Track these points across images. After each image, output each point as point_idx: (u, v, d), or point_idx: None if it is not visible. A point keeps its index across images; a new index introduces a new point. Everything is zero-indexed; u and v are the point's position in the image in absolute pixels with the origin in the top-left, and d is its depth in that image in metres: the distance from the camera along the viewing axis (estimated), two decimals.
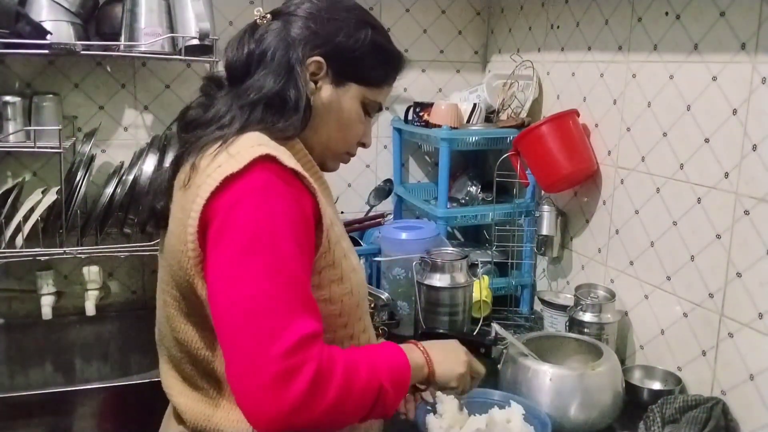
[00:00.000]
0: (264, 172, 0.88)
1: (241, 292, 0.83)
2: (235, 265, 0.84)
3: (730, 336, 1.38)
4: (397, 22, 2.21)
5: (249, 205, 0.86)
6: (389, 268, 1.81)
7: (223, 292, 0.84)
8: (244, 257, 0.84)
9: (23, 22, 1.62)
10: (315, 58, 1.01)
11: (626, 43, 1.64)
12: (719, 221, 1.39)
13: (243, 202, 0.86)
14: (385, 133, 2.27)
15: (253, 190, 0.86)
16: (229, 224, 0.85)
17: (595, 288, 1.69)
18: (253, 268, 0.84)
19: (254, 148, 0.89)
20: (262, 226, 0.85)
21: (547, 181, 1.79)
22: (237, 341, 0.83)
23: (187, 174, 0.94)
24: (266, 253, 0.85)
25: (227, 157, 0.89)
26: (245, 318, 0.82)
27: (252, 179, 0.87)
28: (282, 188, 0.88)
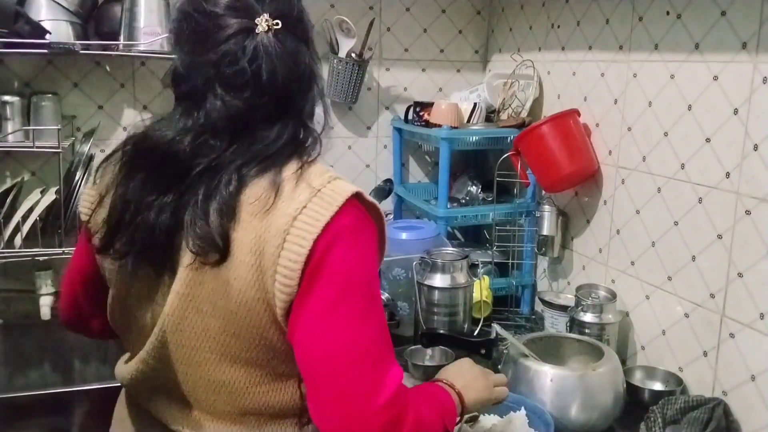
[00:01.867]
0: (353, 210, 0.87)
1: (342, 341, 0.83)
2: (335, 311, 0.83)
3: (731, 336, 1.37)
4: (397, 22, 2.20)
5: (343, 248, 0.84)
6: (389, 268, 1.80)
7: (324, 341, 0.83)
8: (342, 302, 0.83)
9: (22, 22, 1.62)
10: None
11: (627, 42, 1.64)
12: (720, 221, 1.39)
13: (337, 244, 0.84)
14: (385, 133, 2.27)
15: (344, 231, 0.85)
16: (324, 267, 0.83)
17: (596, 288, 1.68)
18: (353, 315, 0.84)
19: (333, 183, 0.87)
20: (356, 269, 0.85)
21: (547, 180, 1.79)
22: (339, 388, 0.82)
23: (267, 195, 0.86)
24: (362, 296, 0.85)
25: (311, 191, 0.86)
26: (348, 364, 0.82)
27: (343, 219, 0.85)
28: (367, 225, 0.89)
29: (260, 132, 0.90)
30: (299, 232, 0.83)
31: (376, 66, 2.21)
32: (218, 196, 0.86)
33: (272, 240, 0.84)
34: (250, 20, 0.90)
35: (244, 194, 0.87)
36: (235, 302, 0.87)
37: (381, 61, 2.22)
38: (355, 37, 2.06)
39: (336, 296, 0.83)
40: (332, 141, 2.37)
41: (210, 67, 0.89)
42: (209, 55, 0.89)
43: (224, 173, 0.87)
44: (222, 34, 0.89)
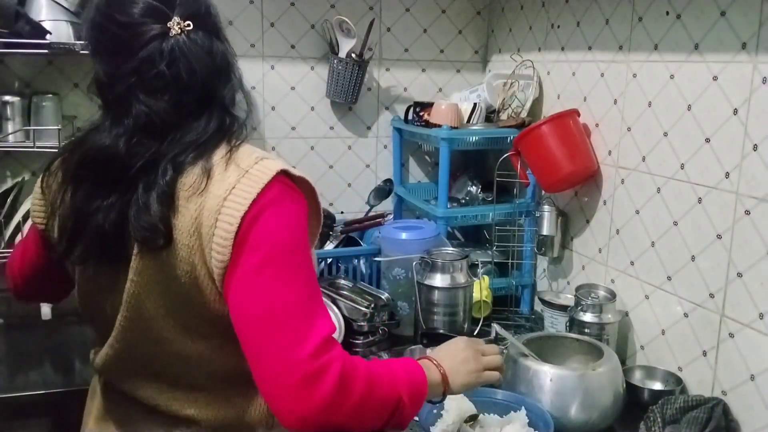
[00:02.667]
0: (278, 185, 0.92)
1: (266, 300, 0.88)
2: (259, 274, 0.89)
3: (730, 336, 1.37)
4: (397, 22, 2.20)
5: (268, 217, 0.90)
6: (389, 268, 1.80)
7: (250, 301, 0.89)
8: (267, 267, 0.89)
9: (22, 22, 1.62)
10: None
11: (627, 42, 1.64)
12: (720, 221, 1.39)
13: (263, 214, 0.90)
14: (385, 133, 2.27)
15: (270, 203, 0.91)
16: (251, 236, 0.89)
17: (596, 288, 1.68)
18: (277, 277, 0.89)
19: (261, 163, 0.93)
20: (281, 235, 0.91)
21: (547, 180, 1.79)
22: (266, 346, 0.88)
23: (199, 180, 0.92)
24: (287, 261, 0.90)
25: (239, 172, 0.92)
26: (273, 324, 0.88)
27: (269, 194, 0.91)
28: (294, 197, 0.95)
29: (189, 125, 0.95)
30: (229, 211, 0.89)
31: (376, 66, 2.21)
32: (156, 186, 0.92)
33: (206, 221, 0.90)
34: (163, 25, 0.94)
35: (180, 182, 0.92)
36: (184, 282, 0.93)
37: (381, 61, 2.22)
38: (355, 38, 2.06)
39: (261, 261, 0.89)
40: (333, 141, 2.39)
41: (131, 74, 0.93)
42: (129, 64, 0.93)
43: (160, 165, 0.92)
44: (138, 42, 0.93)
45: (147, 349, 1.00)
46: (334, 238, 2.01)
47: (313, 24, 2.11)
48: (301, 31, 2.11)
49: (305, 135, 2.19)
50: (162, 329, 0.97)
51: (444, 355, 1.10)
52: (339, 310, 1.70)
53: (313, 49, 2.14)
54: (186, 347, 0.98)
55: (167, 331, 0.97)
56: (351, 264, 1.91)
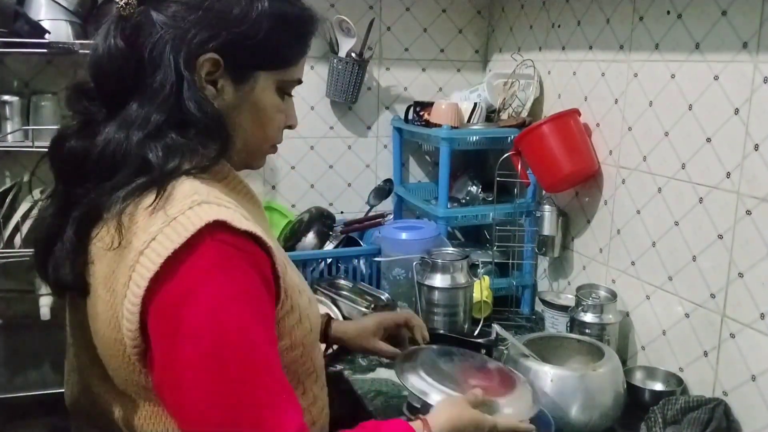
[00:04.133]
0: (214, 244, 0.72)
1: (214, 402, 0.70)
2: (202, 371, 0.71)
3: (731, 336, 1.37)
4: (397, 21, 2.20)
5: (206, 296, 0.71)
6: (389, 269, 1.80)
7: (192, 403, 0.71)
8: (211, 362, 0.71)
9: (21, 21, 1.62)
10: (208, 56, 0.81)
11: (627, 42, 1.64)
12: (721, 221, 1.39)
13: (197, 292, 0.71)
14: (385, 132, 2.26)
15: (206, 274, 0.71)
16: (185, 323, 0.71)
17: (597, 288, 1.68)
18: (226, 374, 0.71)
19: (195, 209, 0.73)
20: (225, 320, 0.72)
21: (548, 180, 1.79)
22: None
23: (113, 233, 0.75)
24: (237, 351, 0.72)
25: (164, 220, 0.73)
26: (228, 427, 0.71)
27: (202, 257, 0.72)
28: (238, 260, 0.74)
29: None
30: (143, 269, 0.72)
31: (376, 66, 2.21)
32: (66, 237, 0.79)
33: (121, 277, 0.74)
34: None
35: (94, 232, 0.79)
36: (100, 339, 0.80)
37: (381, 61, 2.22)
38: (355, 37, 2.06)
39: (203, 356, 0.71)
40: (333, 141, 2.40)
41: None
42: None
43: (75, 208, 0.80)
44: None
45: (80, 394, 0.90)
46: (334, 238, 2.01)
47: None
48: None
49: (305, 135, 2.19)
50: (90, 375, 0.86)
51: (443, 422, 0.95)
52: (339, 310, 1.69)
53: (312, 49, 2.11)
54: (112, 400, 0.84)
55: (94, 377, 0.85)
56: (351, 264, 1.91)
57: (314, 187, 2.24)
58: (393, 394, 1.50)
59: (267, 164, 2.14)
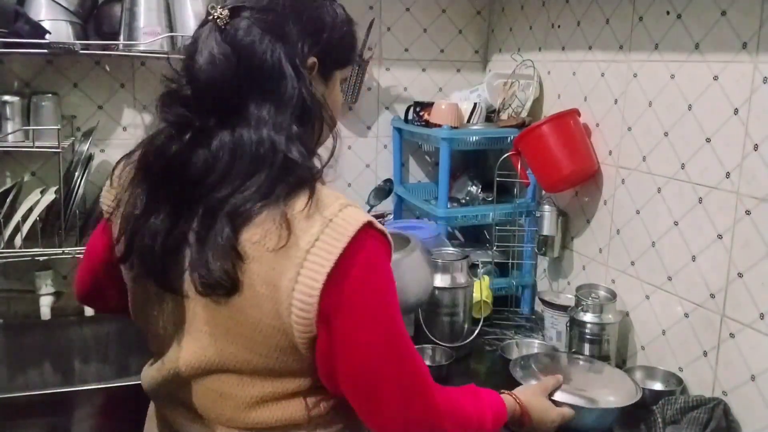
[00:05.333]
0: (371, 241, 0.85)
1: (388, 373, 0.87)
2: (374, 349, 0.86)
3: (731, 336, 1.37)
4: (397, 22, 2.20)
5: (370, 283, 0.85)
6: None
7: (359, 367, 0.86)
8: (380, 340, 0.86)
9: (22, 22, 1.62)
10: (311, 60, 0.90)
11: (627, 42, 1.64)
12: (720, 221, 1.39)
13: (362, 280, 0.84)
14: (385, 132, 2.27)
15: (368, 265, 0.84)
16: (355, 306, 0.84)
17: (596, 288, 1.68)
18: (386, 341, 0.86)
19: (346, 211, 0.84)
20: (385, 301, 0.87)
21: (547, 180, 1.79)
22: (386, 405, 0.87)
23: (279, 234, 0.82)
24: (396, 331, 0.88)
25: (323, 222, 0.82)
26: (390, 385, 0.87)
27: (363, 251, 0.84)
28: (386, 255, 0.88)
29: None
30: (311, 269, 0.81)
31: (376, 66, 2.21)
32: (213, 243, 0.82)
33: (287, 273, 0.82)
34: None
35: (244, 235, 0.83)
36: (250, 329, 0.86)
37: (381, 61, 2.22)
38: None
39: (364, 342, 0.85)
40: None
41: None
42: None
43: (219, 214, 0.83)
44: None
45: (197, 383, 0.93)
46: None
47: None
48: None
49: None
50: (223, 383, 0.91)
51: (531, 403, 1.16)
52: None
53: None
54: (228, 387, 0.91)
55: (231, 385, 0.91)
56: None
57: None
58: None
59: None
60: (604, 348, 1.59)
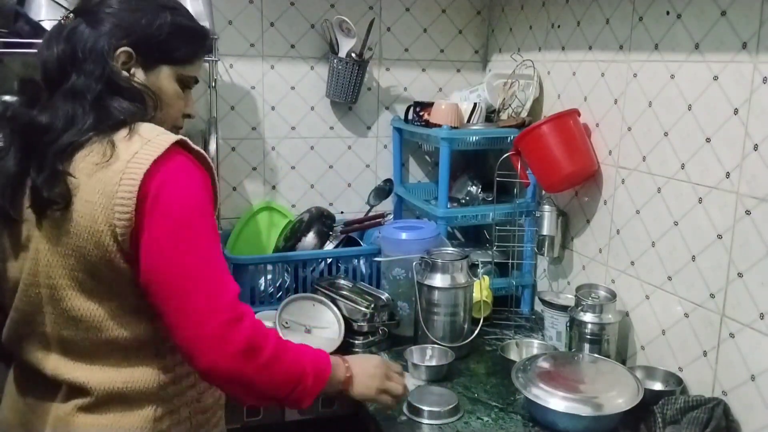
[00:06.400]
0: (179, 155, 1.03)
1: (183, 260, 0.99)
2: (173, 237, 0.99)
3: (731, 336, 1.37)
4: (397, 22, 2.20)
5: (175, 185, 1.00)
6: (389, 268, 1.80)
7: (166, 262, 0.99)
8: (180, 231, 1.00)
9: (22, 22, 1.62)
10: (123, 49, 1.08)
11: (627, 42, 1.64)
12: (720, 221, 1.39)
13: (169, 182, 1.00)
14: (385, 133, 2.27)
15: (176, 171, 1.01)
16: (160, 203, 0.99)
17: (596, 288, 1.68)
18: (191, 239, 1.00)
19: (162, 135, 1.03)
20: (189, 203, 1.01)
21: (547, 180, 1.79)
22: (186, 301, 0.98)
23: (105, 153, 1.00)
24: (196, 226, 1.01)
25: (142, 142, 1.01)
26: (192, 281, 0.99)
27: (173, 162, 1.01)
28: (194, 169, 1.04)
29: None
30: (132, 169, 0.98)
31: (376, 66, 2.21)
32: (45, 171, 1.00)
33: (111, 180, 0.98)
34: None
35: (77, 157, 1.01)
36: (83, 237, 1.00)
37: (381, 61, 2.22)
38: (355, 37, 2.06)
39: (174, 227, 0.99)
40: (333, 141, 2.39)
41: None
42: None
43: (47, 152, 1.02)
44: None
45: (46, 308, 1.05)
46: (334, 238, 2.01)
47: (312, 24, 2.11)
48: (301, 31, 2.11)
49: (305, 135, 2.19)
50: (59, 287, 1.03)
51: (356, 363, 1.23)
52: (339, 310, 1.70)
53: (313, 49, 2.14)
54: (78, 308, 1.03)
55: (65, 288, 1.03)
56: (351, 264, 1.91)
57: (314, 187, 2.24)
58: None
59: (267, 164, 2.15)
60: (604, 348, 1.59)
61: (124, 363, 1.06)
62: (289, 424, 1.66)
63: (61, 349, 1.06)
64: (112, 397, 1.05)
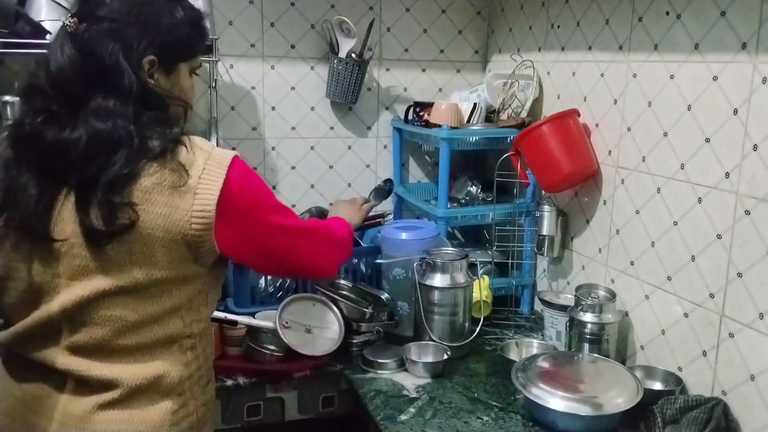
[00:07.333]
0: (241, 162, 1.11)
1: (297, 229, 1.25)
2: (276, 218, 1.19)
3: (730, 336, 1.37)
4: (397, 22, 2.21)
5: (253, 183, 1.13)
6: (389, 268, 1.80)
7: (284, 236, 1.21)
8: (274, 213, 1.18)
9: (22, 22, 1.62)
10: (148, 58, 1.06)
11: (627, 42, 1.64)
12: (720, 221, 1.39)
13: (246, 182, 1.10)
14: (385, 133, 2.27)
15: (245, 174, 1.11)
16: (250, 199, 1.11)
17: (596, 288, 1.68)
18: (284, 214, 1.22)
19: (217, 149, 1.09)
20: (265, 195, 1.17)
21: (547, 181, 1.79)
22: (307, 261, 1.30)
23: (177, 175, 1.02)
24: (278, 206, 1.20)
25: (205, 156, 1.06)
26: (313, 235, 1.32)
27: (238, 168, 1.09)
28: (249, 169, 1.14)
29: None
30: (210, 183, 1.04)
31: (376, 66, 2.21)
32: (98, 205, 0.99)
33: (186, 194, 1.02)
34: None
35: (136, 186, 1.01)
36: (154, 247, 1.02)
37: (381, 61, 2.22)
38: (355, 38, 2.06)
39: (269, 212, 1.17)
40: (333, 141, 2.39)
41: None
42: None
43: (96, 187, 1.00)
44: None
45: (79, 314, 1.05)
46: None
47: (313, 24, 2.11)
48: (301, 31, 2.11)
49: (305, 135, 2.19)
50: (104, 296, 1.03)
51: (339, 211, 1.69)
52: (339, 310, 1.70)
53: (313, 49, 2.14)
54: (118, 308, 1.04)
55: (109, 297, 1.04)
56: (351, 264, 1.91)
57: (314, 187, 2.24)
58: (393, 393, 1.51)
59: (267, 164, 2.15)
60: (604, 348, 1.59)
61: (152, 358, 1.08)
62: (289, 423, 1.66)
63: (81, 348, 1.06)
64: (140, 391, 1.06)
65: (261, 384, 1.60)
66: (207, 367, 1.18)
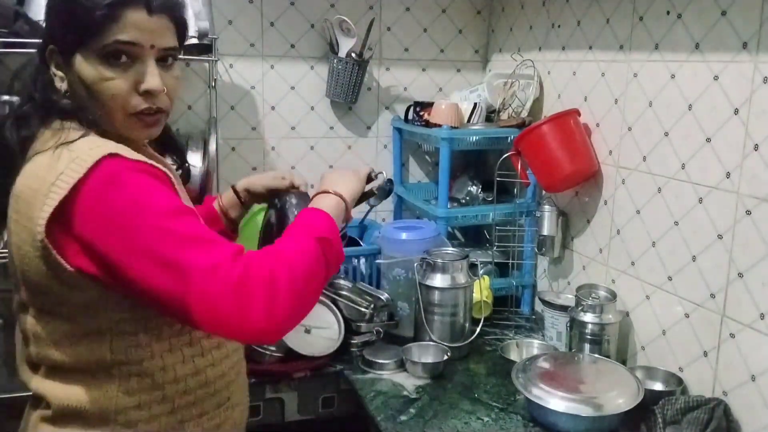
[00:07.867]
0: (110, 164, 0.90)
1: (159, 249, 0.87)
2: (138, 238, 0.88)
3: (731, 336, 1.37)
4: (397, 22, 2.20)
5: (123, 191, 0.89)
6: (389, 269, 1.80)
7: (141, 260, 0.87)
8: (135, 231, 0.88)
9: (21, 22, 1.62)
10: (48, 49, 0.99)
11: (627, 42, 1.64)
12: (721, 221, 1.39)
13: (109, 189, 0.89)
14: (385, 133, 2.27)
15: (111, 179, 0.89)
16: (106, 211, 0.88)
17: (596, 288, 1.68)
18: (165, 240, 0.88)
19: (94, 149, 0.91)
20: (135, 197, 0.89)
21: (548, 180, 1.79)
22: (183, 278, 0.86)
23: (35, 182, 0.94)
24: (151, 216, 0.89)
25: (69, 160, 0.91)
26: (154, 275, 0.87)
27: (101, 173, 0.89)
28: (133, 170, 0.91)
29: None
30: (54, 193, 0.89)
31: (376, 66, 2.21)
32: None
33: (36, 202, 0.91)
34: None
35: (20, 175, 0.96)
36: (23, 257, 0.95)
37: (381, 61, 2.22)
38: (355, 37, 2.06)
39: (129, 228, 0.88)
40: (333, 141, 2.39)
41: None
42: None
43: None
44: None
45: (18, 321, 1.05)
46: None
47: (312, 23, 2.11)
48: (301, 31, 2.11)
49: (305, 135, 2.19)
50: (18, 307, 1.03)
51: (331, 184, 1.22)
52: (339, 310, 1.70)
53: (312, 49, 2.14)
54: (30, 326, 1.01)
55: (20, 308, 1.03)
56: (351, 264, 1.91)
57: (314, 187, 2.23)
58: (393, 393, 1.51)
59: (267, 164, 2.15)
60: (604, 348, 1.59)
61: (78, 381, 1.00)
62: (289, 424, 1.66)
63: (29, 361, 1.07)
64: (69, 412, 1.00)
65: (261, 384, 1.59)
66: (187, 402, 1.04)
